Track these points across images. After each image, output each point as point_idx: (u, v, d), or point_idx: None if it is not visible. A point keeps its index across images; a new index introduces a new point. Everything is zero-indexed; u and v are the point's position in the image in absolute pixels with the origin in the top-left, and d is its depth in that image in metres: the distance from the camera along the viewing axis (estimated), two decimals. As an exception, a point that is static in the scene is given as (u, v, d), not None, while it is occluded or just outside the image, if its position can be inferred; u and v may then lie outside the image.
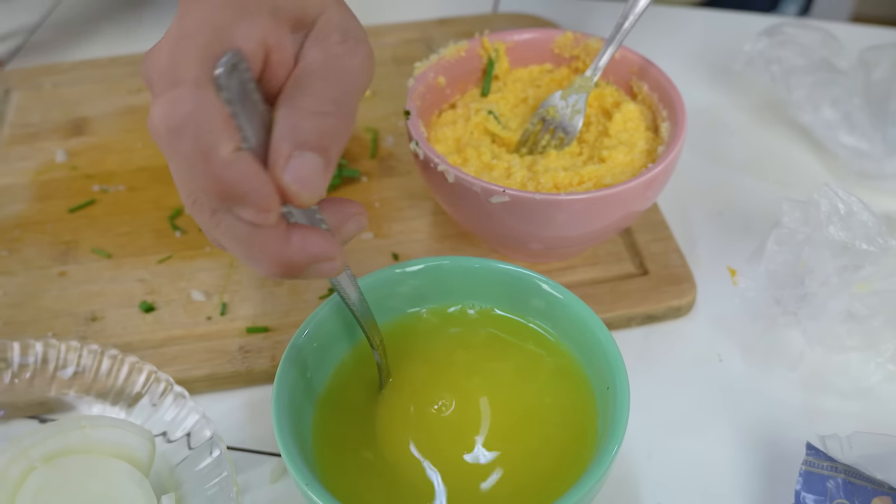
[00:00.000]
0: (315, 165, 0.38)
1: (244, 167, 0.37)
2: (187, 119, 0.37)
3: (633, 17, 0.63)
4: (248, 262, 0.40)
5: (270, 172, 0.38)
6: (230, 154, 0.37)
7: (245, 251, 0.40)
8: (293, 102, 0.39)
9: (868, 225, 0.56)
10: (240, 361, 0.61)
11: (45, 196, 0.75)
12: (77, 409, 0.58)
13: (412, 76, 0.65)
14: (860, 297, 0.57)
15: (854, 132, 0.73)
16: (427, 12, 0.94)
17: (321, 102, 0.39)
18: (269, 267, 0.40)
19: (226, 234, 0.40)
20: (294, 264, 0.40)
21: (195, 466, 0.53)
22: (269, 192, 0.37)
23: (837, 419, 0.58)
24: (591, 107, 0.67)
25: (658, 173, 0.58)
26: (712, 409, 0.59)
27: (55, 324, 0.64)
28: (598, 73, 0.65)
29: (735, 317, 0.64)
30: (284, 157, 0.37)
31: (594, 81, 0.65)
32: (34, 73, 0.87)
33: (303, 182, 0.38)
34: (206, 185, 0.38)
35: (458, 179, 0.57)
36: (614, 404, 0.47)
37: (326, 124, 0.39)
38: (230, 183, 0.37)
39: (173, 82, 0.37)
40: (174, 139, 0.37)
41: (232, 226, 0.39)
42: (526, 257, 0.66)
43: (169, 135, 0.37)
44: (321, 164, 0.38)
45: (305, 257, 0.40)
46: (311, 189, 0.38)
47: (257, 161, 0.38)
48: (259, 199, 0.37)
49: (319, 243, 0.40)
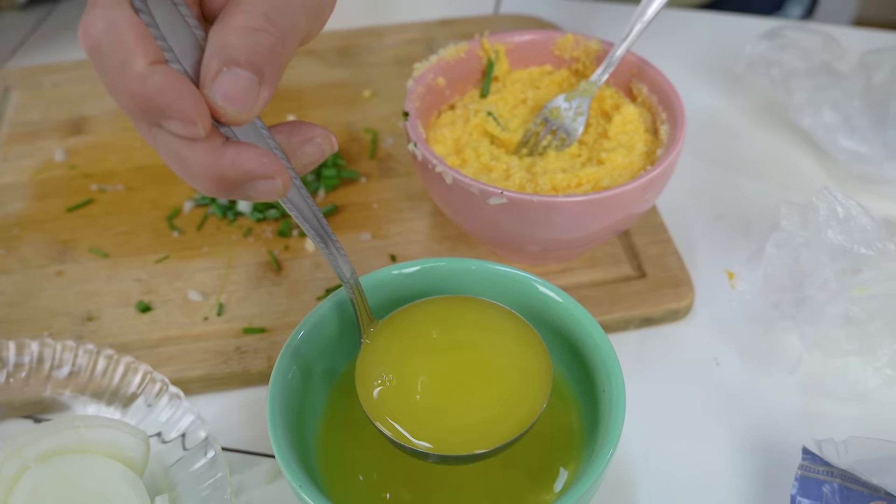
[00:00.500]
0: (244, 81, 0.37)
1: (159, 80, 0.36)
2: (100, 37, 0.37)
3: (641, 24, 0.63)
4: (185, 178, 0.40)
5: (201, 91, 0.37)
6: (144, 68, 0.36)
7: (180, 166, 0.39)
8: (225, 21, 0.38)
9: (867, 229, 0.56)
10: (236, 362, 0.61)
11: (43, 195, 0.74)
12: (72, 408, 0.57)
13: (411, 77, 0.65)
14: (858, 302, 0.57)
15: (854, 136, 0.72)
16: (428, 13, 0.94)
17: (252, 18, 0.38)
18: (203, 182, 0.39)
19: (162, 150, 0.39)
20: (228, 180, 0.39)
21: (190, 467, 0.53)
22: (192, 104, 0.37)
23: (835, 423, 0.58)
24: (590, 108, 0.67)
25: (657, 176, 0.58)
26: (709, 412, 0.59)
27: (51, 323, 0.64)
28: (604, 77, 0.65)
29: (733, 320, 0.64)
30: (213, 73, 0.37)
31: (598, 86, 0.65)
32: (34, 71, 0.87)
33: (230, 98, 0.37)
34: (125, 102, 0.37)
35: (456, 181, 0.57)
36: (610, 407, 0.47)
37: (257, 40, 0.38)
38: (147, 97, 0.36)
39: (93, 2, 0.37)
40: (93, 58, 0.37)
41: (166, 140, 0.39)
42: (524, 259, 0.66)
43: (90, 55, 0.37)
44: (251, 80, 0.37)
45: (239, 173, 0.39)
46: (240, 105, 0.37)
47: (177, 74, 0.37)
48: (181, 111, 0.37)
49: (255, 158, 0.39)
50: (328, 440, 0.51)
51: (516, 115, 0.67)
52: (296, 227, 0.70)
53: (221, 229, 0.71)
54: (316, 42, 0.89)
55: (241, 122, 0.38)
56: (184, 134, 0.38)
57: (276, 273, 0.67)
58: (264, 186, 0.40)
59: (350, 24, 0.93)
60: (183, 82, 0.37)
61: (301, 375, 0.50)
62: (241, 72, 0.37)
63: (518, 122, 0.67)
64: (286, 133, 0.42)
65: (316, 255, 0.68)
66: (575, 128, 0.65)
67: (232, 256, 0.68)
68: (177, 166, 0.40)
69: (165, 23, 0.37)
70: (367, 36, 0.90)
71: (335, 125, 0.80)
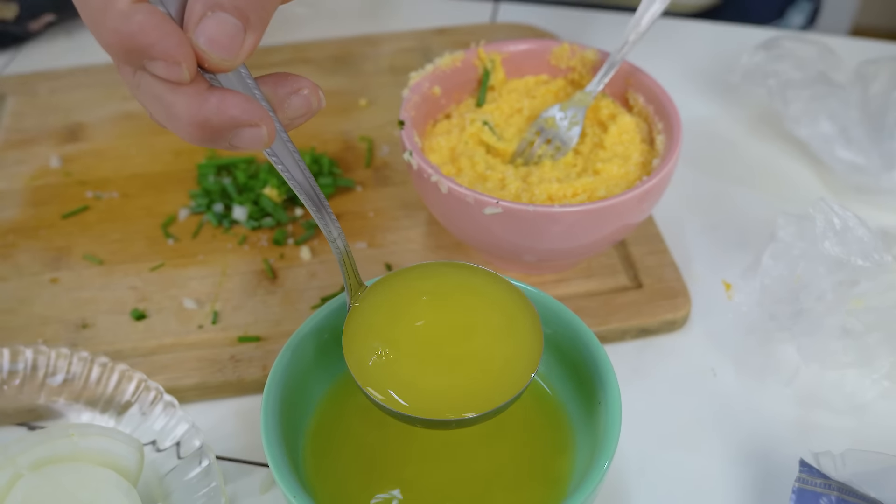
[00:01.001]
0: (228, 25, 0.37)
1: (143, 17, 0.36)
2: None
3: (636, 35, 0.63)
4: (169, 126, 0.39)
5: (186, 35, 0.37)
6: (128, 6, 0.36)
7: (164, 112, 0.38)
8: None
9: (864, 240, 0.56)
10: (231, 371, 0.60)
11: (38, 202, 0.74)
12: (66, 416, 0.57)
13: (407, 86, 0.65)
14: (856, 313, 0.57)
15: (851, 146, 0.72)
16: (425, 22, 0.94)
17: None
18: (186, 128, 0.38)
19: (146, 94, 0.39)
20: (212, 126, 0.38)
21: (184, 476, 0.53)
22: (176, 43, 0.36)
23: (832, 435, 0.58)
24: (586, 118, 0.67)
25: (653, 186, 0.58)
26: (706, 423, 0.59)
27: (46, 330, 0.64)
28: (599, 88, 0.65)
29: (730, 331, 0.64)
30: (197, 17, 0.36)
31: (594, 97, 0.65)
32: (30, 78, 0.87)
33: (214, 42, 0.36)
34: (108, 40, 0.37)
35: (452, 191, 0.57)
36: (605, 419, 0.47)
37: None
38: (129, 35, 0.36)
39: None
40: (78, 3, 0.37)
41: (150, 84, 0.38)
42: (520, 269, 0.66)
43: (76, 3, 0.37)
44: (236, 26, 0.37)
45: (223, 119, 0.38)
46: (224, 50, 0.37)
47: (157, 10, 0.36)
48: (165, 51, 0.36)
49: (239, 104, 0.38)
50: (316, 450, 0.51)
51: (512, 125, 0.67)
52: (292, 235, 0.70)
53: (217, 237, 0.70)
54: (312, 50, 0.89)
55: (225, 68, 0.37)
56: (167, 76, 0.37)
57: (272, 281, 0.67)
58: (249, 134, 0.39)
59: (346, 32, 0.93)
60: (167, 21, 0.36)
61: (295, 384, 0.50)
62: (225, 16, 0.37)
63: (513, 131, 0.67)
64: (272, 84, 0.41)
65: (311, 263, 0.68)
66: (570, 137, 0.65)
67: (227, 264, 0.68)
68: (160, 113, 0.39)
69: None
70: (363, 44, 0.90)
71: (331, 133, 0.79)
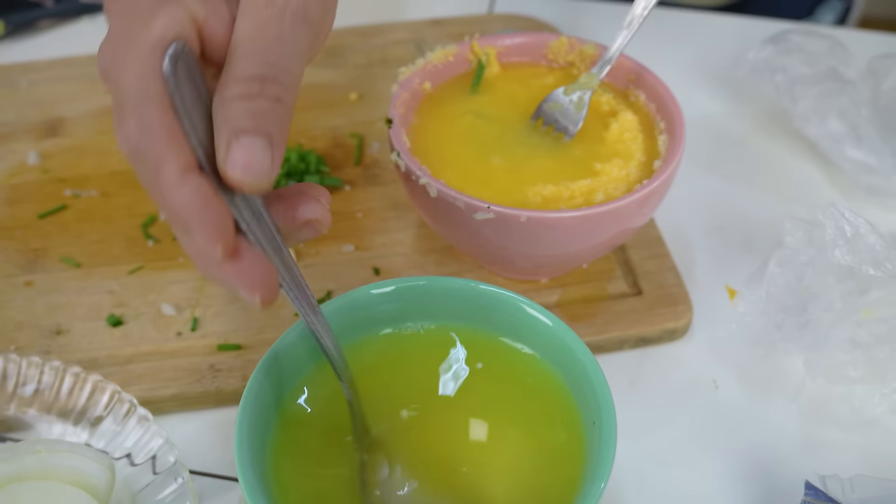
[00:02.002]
0: (255, 149, 0.38)
1: (187, 197, 0.37)
2: (136, 145, 0.38)
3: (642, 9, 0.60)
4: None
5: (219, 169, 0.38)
6: (175, 178, 0.37)
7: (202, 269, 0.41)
8: (222, 89, 0.39)
9: (875, 248, 0.53)
10: (209, 381, 0.58)
11: (14, 200, 0.72)
12: (36, 428, 0.55)
13: (396, 82, 0.62)
14: (865, 325, 0.54)
15: (862, 145, 0.70)
16: (419, 12, 0.91)
17: (248, 84, 0.38)
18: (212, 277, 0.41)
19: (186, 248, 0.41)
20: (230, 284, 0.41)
21: (158, 494, 0.51)
22: (214, 225, 0.38)
23: (839, 453, 0.56)
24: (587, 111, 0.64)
25: (654, 189, 0.56)
26: (707, 439, 0.57)
27: (19, 336, 0.61)
28: (608, 67, 0.62)
29: (733, 341, 0.62)
30: (224, 148, 0.38)
31: (601, 78, 0.62)
32: (10, 70, 0.84)
33: (247, 169, 0.38)
34: (160, 207, 0.39)
35: (441, 193, 0.55)
36: (600, 440, 0.45)
37: (257, 107, 0.38)
38: (174, 209, 0.38)
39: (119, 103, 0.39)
40: (133, 164, 0.39)
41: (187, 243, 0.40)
42: (513, 274, 0.64)
43: (129, 161, 0.39)
44: (262, 146, 0.38)
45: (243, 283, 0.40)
46: (257, 175, 0.38)
47: (203, 186, 0.38)
48: (204, 234, 0.38)
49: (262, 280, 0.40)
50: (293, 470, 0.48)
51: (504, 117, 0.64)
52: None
53: (198, 239, 0.68)
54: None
55: (261, 191, 0.39)
56: (203, 250, 0.39)
57: (254, 286, 0.64)
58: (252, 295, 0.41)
59: (336, 23, 0.89)
60: (208, 201, 0.38)
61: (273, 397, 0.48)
62: (249, 140, 0.38)
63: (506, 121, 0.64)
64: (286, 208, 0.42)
65: (296, 267, 0.65)
66: (576, 121, 0.62)
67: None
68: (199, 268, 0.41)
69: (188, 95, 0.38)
70: (353, 36, 0.87)
71: (319, 129, 0.77)
